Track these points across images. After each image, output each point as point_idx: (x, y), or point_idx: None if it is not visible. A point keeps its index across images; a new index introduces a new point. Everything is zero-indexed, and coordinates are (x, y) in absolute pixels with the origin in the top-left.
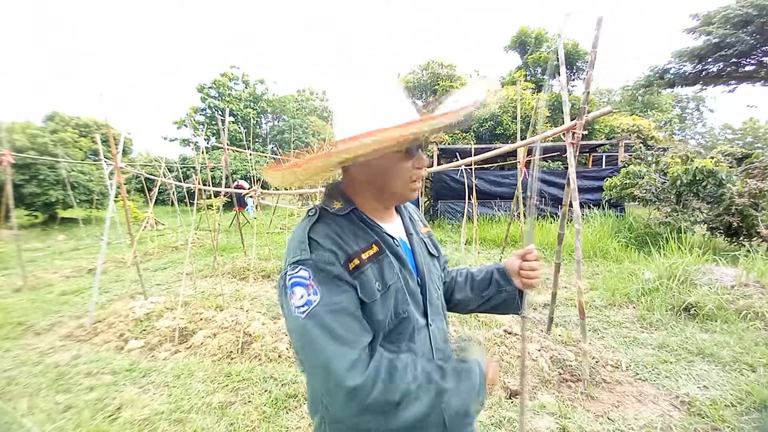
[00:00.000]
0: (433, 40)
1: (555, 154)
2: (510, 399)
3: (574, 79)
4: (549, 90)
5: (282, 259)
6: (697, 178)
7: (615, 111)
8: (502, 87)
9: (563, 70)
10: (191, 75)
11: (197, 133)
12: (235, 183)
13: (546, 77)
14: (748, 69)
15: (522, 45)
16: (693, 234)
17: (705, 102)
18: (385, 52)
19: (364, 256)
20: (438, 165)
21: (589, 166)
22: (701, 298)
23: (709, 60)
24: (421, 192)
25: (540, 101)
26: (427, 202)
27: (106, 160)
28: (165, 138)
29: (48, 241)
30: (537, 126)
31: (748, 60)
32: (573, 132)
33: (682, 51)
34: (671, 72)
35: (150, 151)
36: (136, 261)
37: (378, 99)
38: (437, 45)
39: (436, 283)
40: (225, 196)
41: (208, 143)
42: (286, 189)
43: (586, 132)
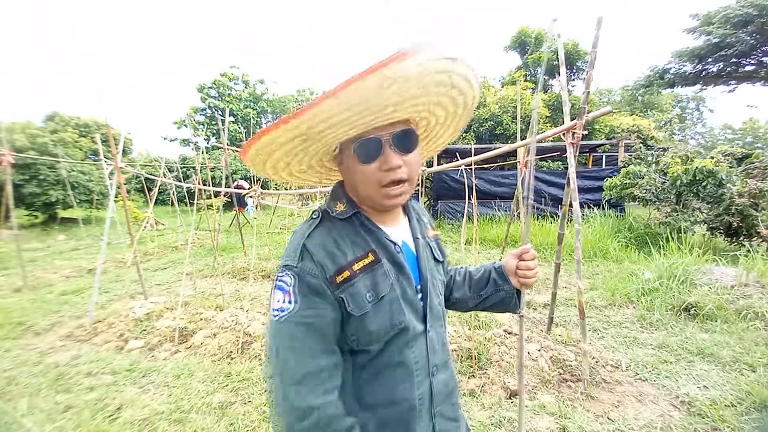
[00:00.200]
0: (433, 39)
1: (555, 154)
2: (510, 399)
3: (574, 79)
4: (539, 91)
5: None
6: (697, 178)
7: (615, 111)
8: (502, 87)
9: (563, 70)
10: (191, 75)
11: (197, 133)
12: (235, 183)
13: (540, 73)
14: (748, 69)
15: (522, 45)
16: (693, 234)
17: (705, 102)
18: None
19: (356, 266)
20: (438, 165)
21: (589, 166)
22: (701, 298)
23: (709, 60)
24: (421, 192)
25: (535, 101)
26: (427, 202)
27: (106, 160)
28: (165, 138)
29: (48, 241)
30: (532, 129)
31: (748, 60)
32: (573, 132)
33: (682, 51)
34: (671, 72)
35: (150, 151)
36: (136, 261)
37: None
38: (437, 41)
39: (438, 289)
40: (225, 196)
41: (208, 143)
42: (278, 186)
43: (586, 132)
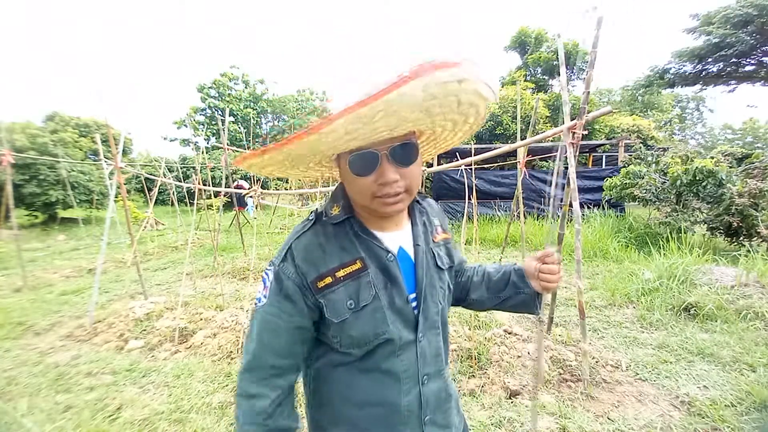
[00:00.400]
0: (433, 40)
1: (555, 154)
2: (510, 399)
3: (574, 79)
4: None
5: None
6: (697, 178)
7: (615, 111)
8: (502, 87)
9: (563, 70)
10: (191, 75)
11: (197, 133)
12: (235, 183)
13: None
14: (748, 69)
15: (522, 45)
16: (693, 234)
17: (705, 102)
18: (385, 51)
19: (340, 273)
20: (438, 165)
21: (589, 166)
22: (701, 298)
23: (709, 60)
24: (421, 192)
25: (537, 101)
26: None
27: (106, 160)
28: (165, 138)
29: (48, 241)
30: (531, 130)
31: (748, 60)
32: (573, 132)
33: (682, 51)
34: (671, 72)
35: (150, 151)
36: (136, 261)
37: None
38: (437, 45)
39: (437, 297)
40: (225, 196)
41: (208, 143)
42: (278, 186)
43: (586, 132)
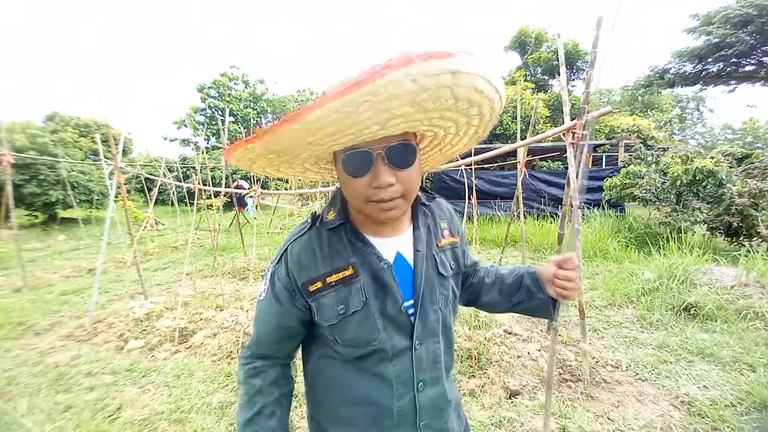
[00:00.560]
0: (433, 40)
1: (555, 154)
2: (510, 399)
3: (574, 79)
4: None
5: None
6: (697, 178)
7: (615, 111)
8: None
9: (563, 70)
10: (191, 75)
11: (197, 133)
12: (235, 183)
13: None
14: (748, 69)
15: (522, 45)
16: (693, 234)
17: (705, 102)
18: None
19: (331, 278)
20: None
21: (589, 166)
22: (701, 298)
23: (709, 60)
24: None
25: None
26: None
27: (106, 160)
28: (165, 138)
29: (48, 241)
30: (532, 129)
31: (748, 60)
32: (573, 132)
33: (682, 51)
34: (671, 72)
35: (150, 151)
36: (136, 261)
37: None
38: (437, 45)
39: (438, 305)
40: (225, 196)
41: (208, 143)
42: (278, 186)
43: (586, 132)
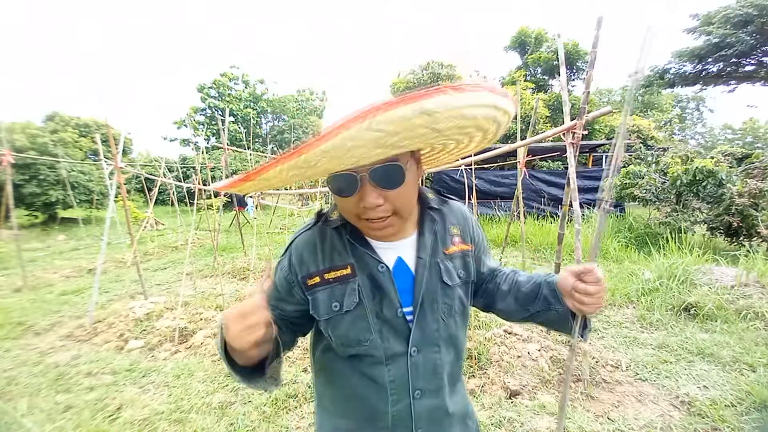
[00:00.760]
0: (433, 40)
1: (555, 154)
2: (510, 399)
3: (574, 79)
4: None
5: None
6: (697, 178)
7: (615, 111)
8: (502, 87)
9: (563, 70)
10: (191, 75)
11: (197, 133)
12: None
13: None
14: (748, 69)
15: (522, 45)
16: (693, 234)
17: (705, 102)
18: (385, 52)
19: (330, 275)
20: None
21: (589, 166)
22: (701, 298)
23: (709, 60)
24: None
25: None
26: None
27: (106, 160)
28: (165, 138)
29: (48, 241)
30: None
31: (748, 60)
32: (573, 132)
33: (682, 51)
34: (671, 72)
35: (150, 151)
36: (136, 261)
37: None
38: (437, 45)
39: (439, 314)
40: (225, 196)
41: (208, 143)
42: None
43: (586, 132)
